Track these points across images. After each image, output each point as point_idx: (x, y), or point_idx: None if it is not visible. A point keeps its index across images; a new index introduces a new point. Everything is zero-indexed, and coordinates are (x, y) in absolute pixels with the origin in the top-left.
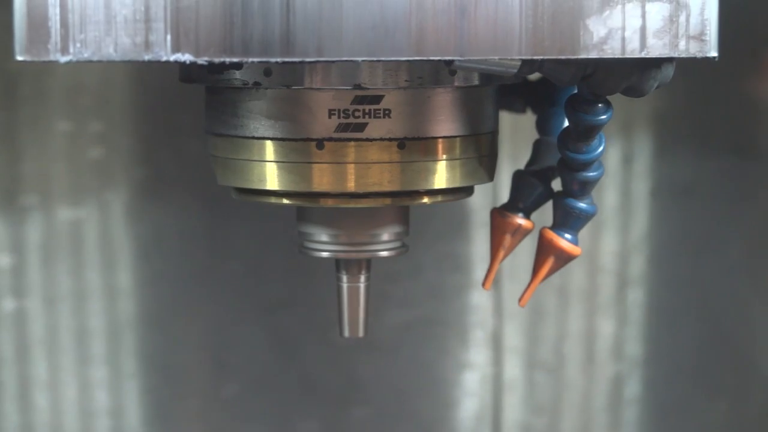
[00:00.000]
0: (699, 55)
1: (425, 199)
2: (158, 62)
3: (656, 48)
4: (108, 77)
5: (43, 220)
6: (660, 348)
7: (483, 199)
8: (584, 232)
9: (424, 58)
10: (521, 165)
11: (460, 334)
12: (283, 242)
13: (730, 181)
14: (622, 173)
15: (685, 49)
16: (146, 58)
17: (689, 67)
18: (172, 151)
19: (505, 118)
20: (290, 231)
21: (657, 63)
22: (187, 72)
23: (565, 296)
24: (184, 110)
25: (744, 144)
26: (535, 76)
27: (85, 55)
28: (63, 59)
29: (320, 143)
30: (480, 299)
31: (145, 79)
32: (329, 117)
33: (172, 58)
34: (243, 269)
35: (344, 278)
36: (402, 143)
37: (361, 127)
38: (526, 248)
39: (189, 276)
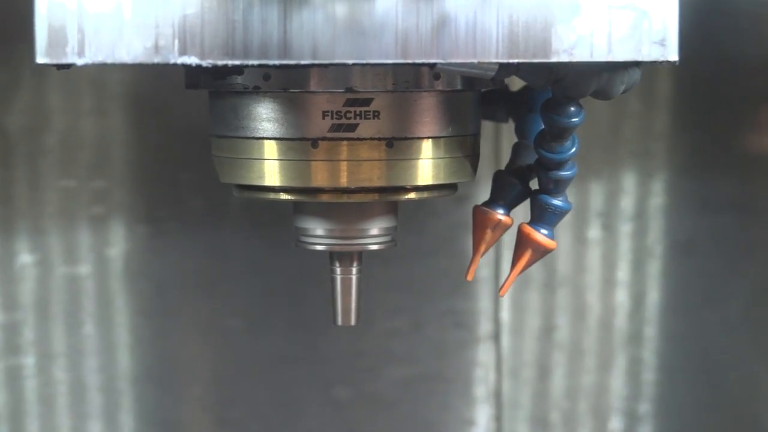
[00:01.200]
0: (661, 58)
1: (412, 195)
2: (166, 65)
3: (621, 52)
4: (106, 134)
5: (41, 277)
6: (662, 404)
7: (484, 258)
8: (587, 289)
9: (409, 62)
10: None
11: (462, 391)
12: (284, 297)
13: (729, 237)
14: (620, 230)
15: (648, 53)
16: (155, 60)
17: (688, 124)
18: (172, 207)
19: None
20: (292, 287)
21: (623, 67)
22: (192, 78)
23: (568, 353)
24: (184, 167)
25: (743, 201)
26: (515, 86)
27: (100, 58)
28: (80, 61)
29: (315, 142)
30: (482, 356)
31: (145, 135)
32: (323, 118)
33: (179, 60)
34: (244, 325)
35: (337, 270)
36: (390, 142)
37: (352, 127)
38: (533, 302)
39: (189, 332)
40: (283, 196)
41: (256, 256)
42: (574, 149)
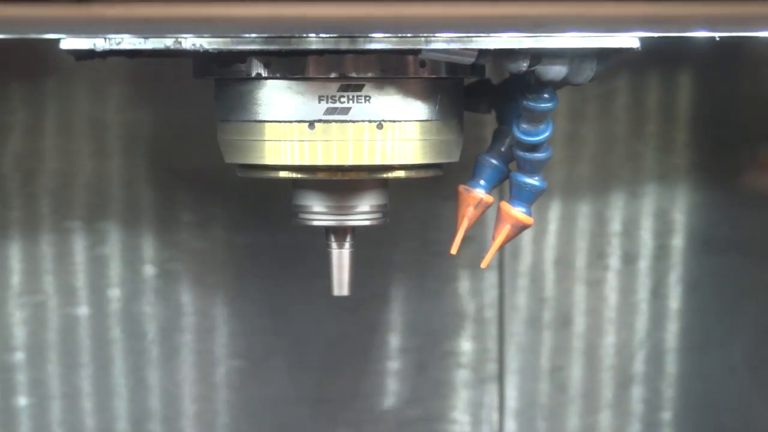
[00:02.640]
0: (624, 46)
1: (401, 173)
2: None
3: (587, 41)
4: (103, 174)
5: (37, 318)
6: None
7: (488, 298)
8: (592, 330)
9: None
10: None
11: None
12: (286, 338)
13: (732, 277)
14: (624, 271)
15: (612, 41)
16: (167, 44)
17: (690, 168)
18: (174, 249)
19: None
20: (295, 328)
21: (591, 55)
22: (199, 67)
23: (567, 393)
24: (186, 208)
25: (745, 241)
26: (496, 80)
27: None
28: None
29: (311, 124)
30: (485, 397)
31: (146, 175)
32: (319, 102)
33: (189, 45)
34: (246, 365)
35: (333, 245)
36: (380, 124)
37: (345, 111)
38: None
39: (190, 373)
40: (282, 174)
41: (259, 298)
42: (548, 133)
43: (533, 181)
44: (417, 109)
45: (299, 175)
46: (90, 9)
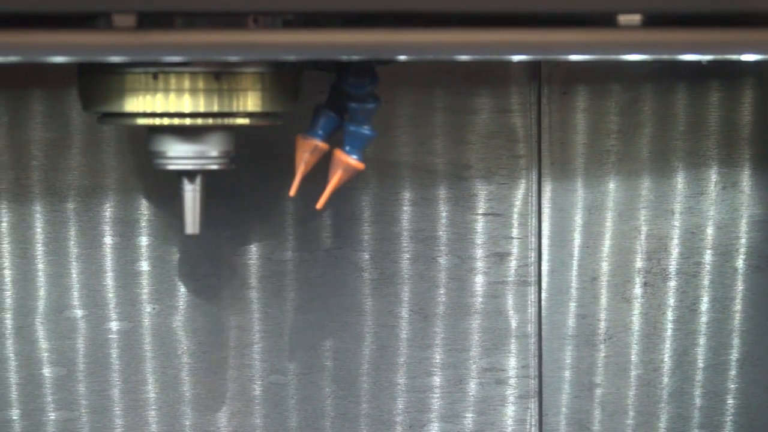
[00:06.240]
0: None
1: (245, 120)
2: None
3: None
4: (151, 192)
5: (70, 333)
6: None
7: (523, 315)
8: (628, 346)
9: None
10: None
11: None
12: (329, 352)
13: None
14: (663, 288)
15: None
16: None
17: (730, 183)
18: (213, 264)
19: None
20: (336, 342)
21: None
22: None
23: (606, 409)
24: (227, 224)
25: None
26: None
27: None
28: None
29: (155, 75)
30: (520, 412)
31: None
32: None
33: None
34: (287, 380)
35: (184, 187)
36: (218, 75)
37: (187, 62)
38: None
39: (230, 388)
40: (140, 122)
41: (298, 313)
42: (373, 85)
43: (363, 129)
44: (255, 64)
45: (148, 122)
46: None
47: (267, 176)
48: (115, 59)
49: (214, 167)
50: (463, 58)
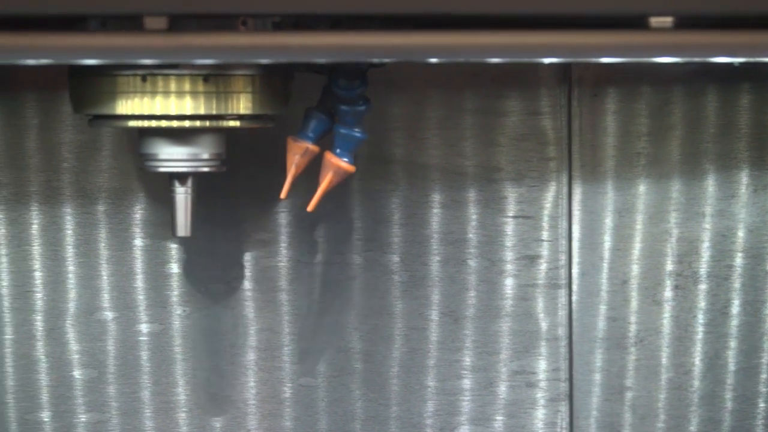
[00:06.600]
0: None
1: (233, 123)
2: None
3: None
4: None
5: (101, 335)
6: None
7: (553, 318)
8: (659, 349)
9: None
10: None
11: None
12: (357, 355)
13: None
14: (694, 291)
15: None
16: None
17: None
18: (243, 266)
19: None
20: (367, 345)
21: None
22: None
23: (636, 412)
24: (257, 227)
25: None
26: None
27: None
28: None
29: (144, 77)
30: (551, 415)
31: (218, 195)
32: None
33: None
34: (318, 383)
35: (175, 190)
36: (207, 77)
37: (175, 65)
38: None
39: (260, 390)
40: (131, 124)
41: (328, 316)
42: (362, 88)
43: (353, 132)
44: (245, 67)
45: (140, 125)
46: None
47: (299, 178)
48: (102, 62)
49: (205, 169)
50: (495, 60)
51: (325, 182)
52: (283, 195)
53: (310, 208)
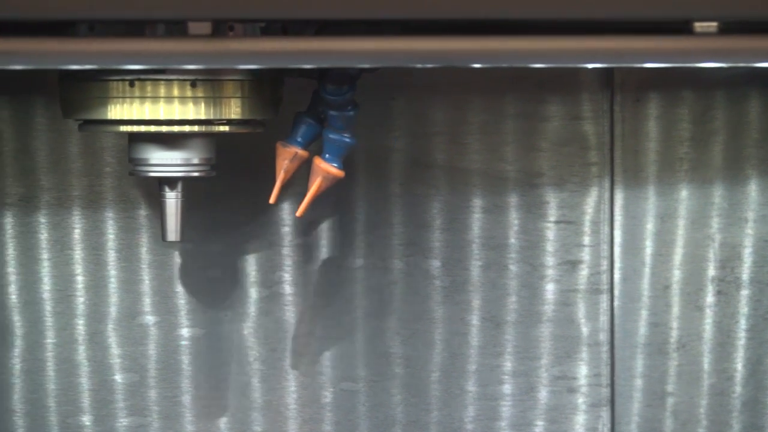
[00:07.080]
0: None
1: (222, 128)
2: None
3: None
4: (221, 199)
5: (142, 339)
6: None
7: (595, 323)
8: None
9: None
10: None
11: None
12: (399, 359)
13: None
14: (736, 297)
15: None
16: None
17: None
18: (283, 271)
19: None
20: (407, 349)
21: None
22: None
23: (678, 418)
24: (298, 233)
25: None
26: None
27: None
28: None
29: (132, 82)
30: (592, 421)
31: (259, 198)
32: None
33: None
34: (357, 387)
35: (165, 194)
36: (194, 83)
37: (162, 69)
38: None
39: (302, 395)
40: (122, 129)
41: (370, 320)
42: (350, 93)
43: (343, 137)
44: (235, 71)
45: (128, 129)
46: None
47: (339, 184)
48: (90, 66)
49: (195, 174)
50: (538, 65)
51: (314, 188)
52: (272, 200)
53: (298, 213)
